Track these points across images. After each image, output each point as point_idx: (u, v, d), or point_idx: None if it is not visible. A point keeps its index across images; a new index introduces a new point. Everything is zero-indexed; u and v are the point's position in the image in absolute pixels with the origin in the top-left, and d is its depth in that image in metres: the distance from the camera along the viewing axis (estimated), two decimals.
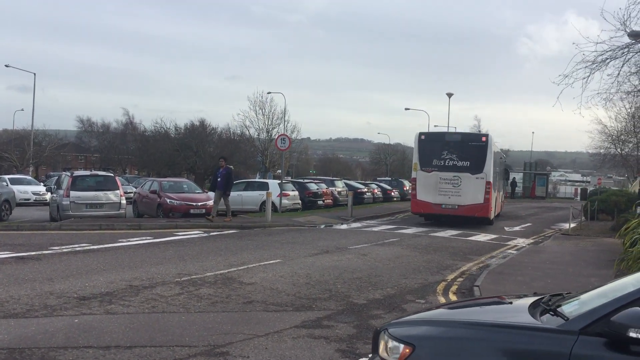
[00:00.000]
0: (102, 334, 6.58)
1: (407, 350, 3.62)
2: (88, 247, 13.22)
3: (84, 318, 7.25)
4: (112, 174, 22.81)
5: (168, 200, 20.77)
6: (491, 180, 21.55)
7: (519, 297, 4.54)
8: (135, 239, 15.01)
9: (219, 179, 19.53)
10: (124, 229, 17.16)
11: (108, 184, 20.11)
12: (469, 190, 21.30)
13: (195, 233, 16.88)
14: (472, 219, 21.66)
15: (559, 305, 3.77)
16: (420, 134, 22.76)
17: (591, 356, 3.20)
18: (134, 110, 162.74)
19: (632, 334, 3.05)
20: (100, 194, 19.57)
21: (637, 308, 3.14)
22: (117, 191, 19.87)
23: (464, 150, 21.63)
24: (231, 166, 20.00)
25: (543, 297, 4.17)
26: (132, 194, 26.38)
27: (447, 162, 21.62)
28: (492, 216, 22.56)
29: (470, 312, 4.52)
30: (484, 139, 22.25)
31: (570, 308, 3.65)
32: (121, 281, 9.49)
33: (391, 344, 3.77)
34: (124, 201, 20.01)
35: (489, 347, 3.42)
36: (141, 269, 10.65)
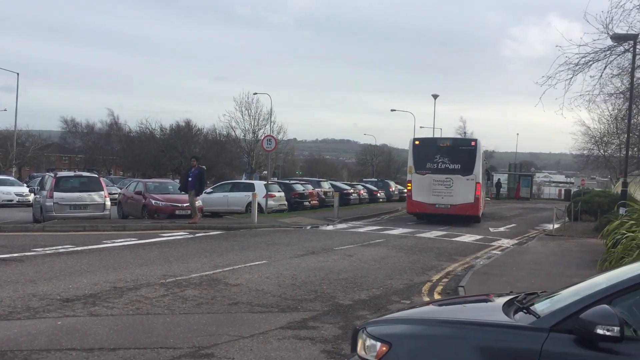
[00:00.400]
0: (86, 336, 6.52)
1: (384, 349, 3.68)
2: (72, 249, 13.10)
3: (67, 320, 7.18)
4: (96, 175, 22.63)
5: (153, 202, 20.65)
6: (480, 181, 23.48)
7: (499, 295, 4.59)
8: (119, 240, 14.91)
9: (190, 179, 19.05)
10: (108, 230, 17.04)
11: (92, 185, 19.95)
12: (460, 191, 22.91)
13: (180, 234, 16.80)
14: (463, 217, 23.15)
15: (532, 304, 3.83)
16: (415, 139, 24.71)
17: (561, 353, 3.26)
18: (119, 111, 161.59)
19: (599, 331, 3.11)
20: (84, 195, 19.41)
21: (605, 305, 3.21)
22: (102, 192, 19.72)
23: (455, 154, 23.34)
24: (203, 166, 19.61)
25: (518, 296, 4.23)
26: (116, 195, 26.18)
27: (439, 165, 23.31)
28: (480, 214, 24.30)
29: (446, 310, 4.59)
30: (473, 143, 23.92)
31: (543, 306, 3.71)
32: (105, 283, 9.42)
33: (369, 342, 3.83)
34: (108, 202, 19.86)
35: (463, 344, 3.48)
36: (126, 271, 10.58)
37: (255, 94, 50.22)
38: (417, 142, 24.38)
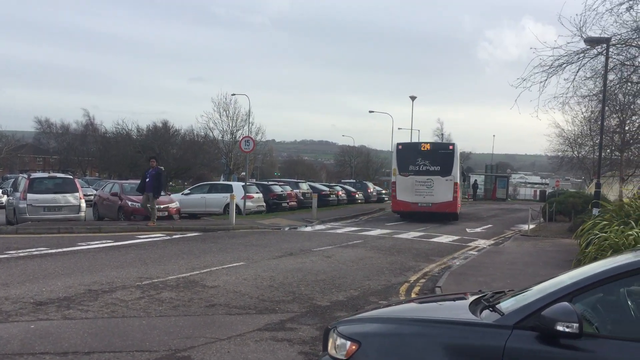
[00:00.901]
0: (60, 339, 6.42)
1: (354, 347, 3.75)
2: (46, 251, 12.90)
3: (41, 324, 7.06)
4: (71, 176, 22.31)
5: (130, 203, 20.43)
6: (458, 182, 25.59)
7: (469, 294, 4.65)
8: (95, 242, 14.71)
9: (147, 180, 18.35)
10: (83, 232, 16.81)
11: (67, 187, 19.65)
12: (440, 191, 25.00)
13: (157, 236, 16.65)
14: (443, 214, 25.17)
15: (498, 302, 3.89)
16: (398, 144, 26.83)
17: (524, 349, 3.32)
18: (94, 111, 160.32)
19: (559, 327, 3.18)
20: (58, 196, 19.12)
21: (565, 303, 3.28)
22: (77, 193, 19.44)
23: (434, 157, 25.46)
24: (162, 167, 19.07)
25: (485, 295, 4.33)
26: (92, 197, 25.85)
27: (421, 167, 25.39)
28: (458, 212, 26.36)
29: (414, 309, 4.66)
30: (451, 147, 26.26)
31: (508, 304, 3.77)
32: (80, 286, 9.29)
33: (339, 341, 3.89)
34: (83, 204, 19.58)
35: (430, 342, 3.56)
36: (101, 273, 10.45)
37: (233, 94, 50.02)
38: (400, 147, 26.39)
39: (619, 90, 20.39)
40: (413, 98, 53.08)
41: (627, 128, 23.87)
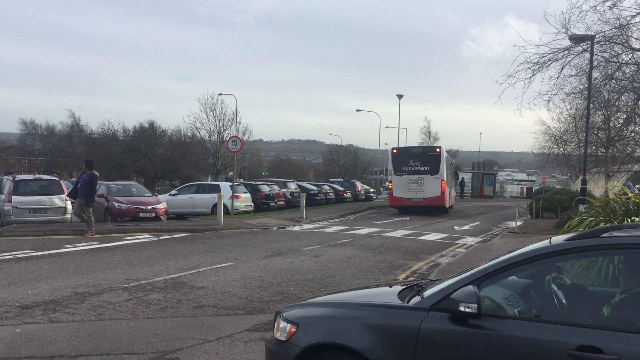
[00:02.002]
0: (46, 343, 6.35)
1: (293, 329, 4.21)
2: (31, 254, 12.75)
3: (27, 327, 6.98)
4: (56, 178, 22.10)
5: (116, 204, 20.29)
6: (445, 179, 28.92)
7: (404, 283, 5.04)
8: (81, 244, 14.58)
9: (79, 186, 16.83)
10: (69, 235, 16.64)
11: (52, 188, 19.46)
12: (429, 187, 28.60)
13: (144, 237, 16.53)
14: (433, 207, 28.80)
15: (426, 289, 4.21)
16: (393, 148, 31.46)
17: (436, 328, 3.73)
18: (80, 112, 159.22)
19: (462, 308, 3.58)
20: (44, 198, 18.92)
21: (470, 286, 3.66)
22: (62, 195, 19.24)
23: (424, 158, 29.25)
24: (96, 172, 17.96)
25: (420, 282, 4.79)
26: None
27: (413, 167, 29.09)
28: (447, 205, 30.02)
29: (349, 295, 5.02)
30: (438, 149, 29.92)
31: (431, 290, 4.09)
32: (66, 288, 9.20)
33: (282, 324, 4.34)
34: (69, 206, 19.38)
35: (357, 323, 3.99)
36: (87, 276, 10.35)
37: (220, 94, 49.84)
38: (394, 151, 30.67)
39: (604, 87, 20.57)
40: (400, 96, 53.20)
41: (612, 125, 24.07)
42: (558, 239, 4.17)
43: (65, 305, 8.07)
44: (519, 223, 22.95)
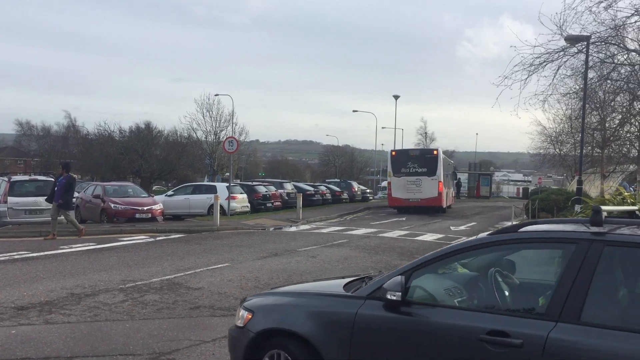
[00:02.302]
0: (41, 344, 6.33)
1: (249, 316, 4.63)
2: (27, 255, 12.73)
3: (22, 329, 6.96)
4: (52, 179, 22.04)
5: (112, 205, 20.26)
6: (442, 180, 30.01)
7: (358, 275, 5.32)
8: (77, 245, 14.56)
9: (56, 189, 16.26)
10: (65, 236, 16.59)
11: (48, 189, 19.36)
12: (427, 188, 29.69)
13: (140, 238, 16.51)
14: (431, 207, 29.90)
15: (371, 280, 4.53)
16: (392, 150, 32.73)
17: (371, 315, 4.09)
18: (76, 113, 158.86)
19: (389, 296, 3.95)
20: (40, 199, 18.82)
21: (398, 276, 4.03)
22: None
23: (422, 160, 30.37)
24: (74, 175, 17.43)
25: (370, 275, 5.17)
26: (74, 199, 25.54)
27: (411, 169, 30.17)
28: (444, 205, 31.08)
29: (303, 286, 5.39)
30: (435, 152, 31.34)
31: (372, 281, 4.44)
32: (62, 289, 9.18)
33: (241, 312, 4.76)
34: None
35: (303, 311, 4.39)
36: (83, 277, 10.33)
37: (216, 95, 49.76)
38: (393, 153, 31.92)
39: (599, 87, 20.61)
40: (396, 97, 53.25)
41: (607, 125, 24.13)
42: (483, 234, 4.56)
43: (61, 307, 8.05)
44: (515, 223, 22.96)
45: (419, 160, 30.51)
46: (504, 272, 4.20)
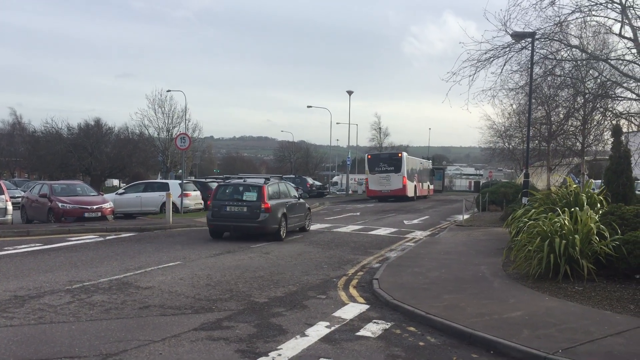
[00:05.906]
0: None
1: None
2: None
3: None
4: None
5: (60, 204, 19.68)
6: (406, 176, 39.79)
7: None
8: (22, 246, 14.09)
9: None
10: (10, 236, 16.03)
11: None
12: (394, 182, 39.83)
13: (90, 238, 16.10)
14: (398, 197, 39.43)
15: None
16: (368, 154, 44.09)
17: None
18: (20, 110, 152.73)
19: None
20: None
21: None
22: (2, 196, 18.55)
23: (390, 162, 40.54)
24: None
25: None
26: (19, 199, 24.74)
27: (382, 168, 40.50)
28: (409, 194, 40.47)
29: None
30: (400, 155, 41.08)
31: None
32: (5, 292, 8.86)
33: None
34: (10, 206, 18.72)
35: None
36: (28, 278, 10.00)
37: (168, 91, 48.94)
38: (369, 156, 42.74)
39: (544, 83, 21.21)
40: (350, 93, 53.55)
41: (552, 119, 24.87)
42: None
43: (4, 310, 7.77)
44: (466, 216, 23.46)
45: (388, 161, 40.56)
46: None
